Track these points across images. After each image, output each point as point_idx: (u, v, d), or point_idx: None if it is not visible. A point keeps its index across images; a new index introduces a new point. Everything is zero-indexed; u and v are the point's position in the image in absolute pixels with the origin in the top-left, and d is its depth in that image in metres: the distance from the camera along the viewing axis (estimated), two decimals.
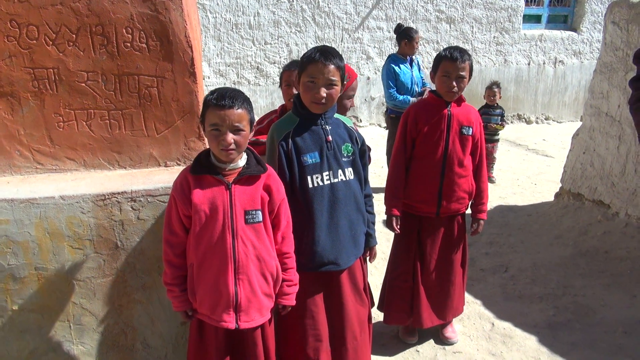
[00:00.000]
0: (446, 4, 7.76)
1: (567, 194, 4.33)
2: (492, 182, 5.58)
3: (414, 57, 4.83)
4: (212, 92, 1.60)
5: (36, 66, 1.96)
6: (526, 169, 6.20)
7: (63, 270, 1.90)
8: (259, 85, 7.16)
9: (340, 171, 1.88)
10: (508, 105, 8.68)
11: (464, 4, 7.87)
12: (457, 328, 2.73)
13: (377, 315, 2.68)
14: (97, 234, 1.90)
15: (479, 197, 2.44)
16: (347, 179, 1.90)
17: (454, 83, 2.22)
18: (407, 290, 2.49)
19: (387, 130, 5.05)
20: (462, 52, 2.22)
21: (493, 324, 2.80)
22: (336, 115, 1.95)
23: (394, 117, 4.65)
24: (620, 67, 3.69)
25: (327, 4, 7.15)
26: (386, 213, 2.41)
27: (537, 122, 9.00)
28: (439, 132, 2.29)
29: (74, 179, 2.03)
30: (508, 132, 8.17)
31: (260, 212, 1.63)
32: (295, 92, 2.04)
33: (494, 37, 8.23)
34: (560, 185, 4.47)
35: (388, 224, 2.41)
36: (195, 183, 1.61)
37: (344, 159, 1.90)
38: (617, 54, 3.72)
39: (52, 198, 1.84)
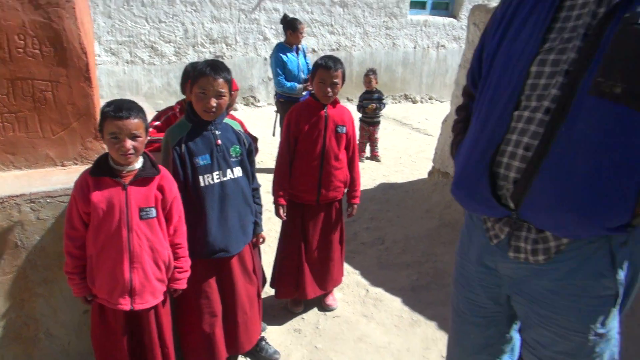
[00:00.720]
0: None
1: (437, 172, 4.96)
2: (378, 160, 6.15)
3: (300, 45, 5.23)
4: (109, 104, 1.80)
5: None
6: (408, 147, 6.86)
7: None
8: (154, 64, 7.06)
9: (229, 170, 2.16)
10: (396, 86, 9.38)
11: None
12: (337, 296, 3.17)
13: (270, 291, 3.03)
14: None
15: (352, 185, 2.86)
16: (236, 176, 2.19)
17: (329, 89, 2.57)
18: (293, 268, 2.86)
19: (277, 114, 5.43)
20: (336, 61, 2.57)
21: (367, 290, 3.29)
22: (226, 120, 2.22)
23: (282, 102, 5.14)
24: None
25: None
26: (274, 202, 2.74)
27: (422, 102, 9.82)
28: (318, 130, 2.64)
29: None
30: (396, 112, 8.87)
31: (154, 209, 1.88)
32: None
33: (384, 21, 8.78)
34: (432, 164, 5.10)
35: (276, 211, 2.75)
36: (94, 184, 1.82)
37: (232, 160, 2.18)
38: None
39: None
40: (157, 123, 2.82)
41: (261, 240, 2.45)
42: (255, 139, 2.65)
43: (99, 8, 6.50)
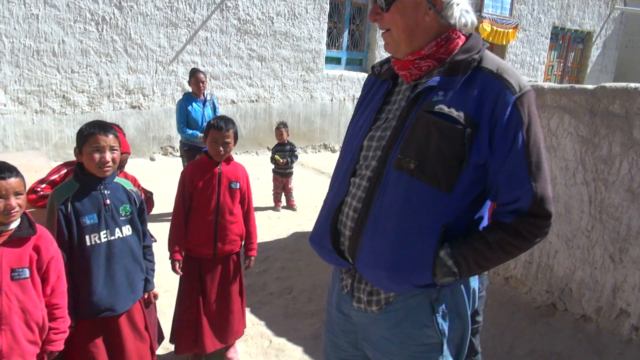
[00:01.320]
0: (257, 44, 8.46)
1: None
2: (294, 209, 6.31)
3: (208, 97, 5.47)
4: None
5: None
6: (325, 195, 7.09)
7: None
8: (66, 114, 6.92)
9: (117, 229, 2.20)
10: (315, 136, 9.73)
11: (274, 45, 8.66)
12: (240, 348, 3.19)
13: (171, 347, 3.01)
14: None
15: (248, 238, 2.97)
16: (124, 235, 2.23)
17: (221, 148, 2.71)
18: (192, 322, 2.88)
19: (182, 159, 5.67)
20: (227, 122, 2.73)
21: (271, 340, 3.34)
22: (116, 179, 2.27)
23: (187, 149, 5.34)
24: None
25: (140, 37, 7.26)
26: (170, 258, 2.78)
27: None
28: (212, 187, 2.75)
29: None
30: (315, 161, 9.18)
31: (27, 270, 1.87)
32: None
33: (301, 75, 9.18)
34: None
35: (172, 267, 2.79)
36: None
37: (121, 218, 2.22)
38: None
39: None
40: (54, 177, 2.80)
41: (153, 297, 2.47)
42: (150, 193, 2.72)
43: (5, 57, 6.33)
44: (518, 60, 13.08)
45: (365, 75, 10.04)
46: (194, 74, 5.39)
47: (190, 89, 5.55)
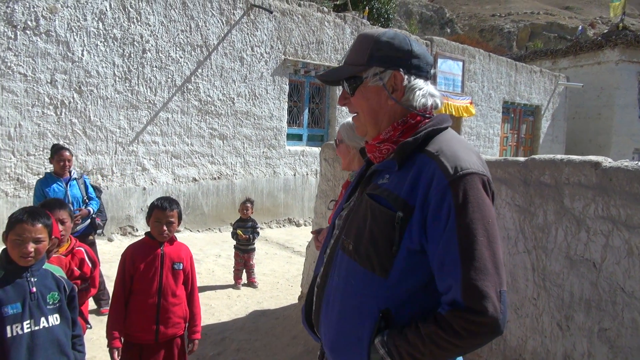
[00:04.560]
0: (218, 123, 8.64)
1: (305, 297, 5.08)
2: (255, 287, 6.17)
3: (75, 175, 4.89)
4: None
5: None
6: (287, 271, 6.98)
7: None
8: (19, 197, 6.76)
9: (42, 319, 2.09)
10: (279, 211, 9.74)
11: (235, 124, 8.87)
12: None
13: None
14: None
15: (192, 320, 2.86)
16: (51, 324, 2.12)
17: (165, 228, 2.68)
18: None
19: None
20: (171, 202, 2.72)
21: None
22: (46, 266, 2.20)
23: None
24: (332, 194, 4.70)
25: (99, 119, 7.33)
26: (107, 346, 2.64)
27: (305, 225, 10.21)
28: (154, 268, 2.69)
29: None
30: (279, 236, 9.12)
31: None
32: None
33: (263, 151, 9.34)
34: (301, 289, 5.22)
35: (110, 355, 2.64)
36: None
37: (49, 307, 2.12)
38: (328, 183, 4.75)
39: None
40: None
41: None
42: (87, 284, 2.64)
43: None
44: (474, 133, 13.71)
45: None
46: (57, 152, 4.71)
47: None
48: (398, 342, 1.23)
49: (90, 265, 2.89)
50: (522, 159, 3.12)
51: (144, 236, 2.81)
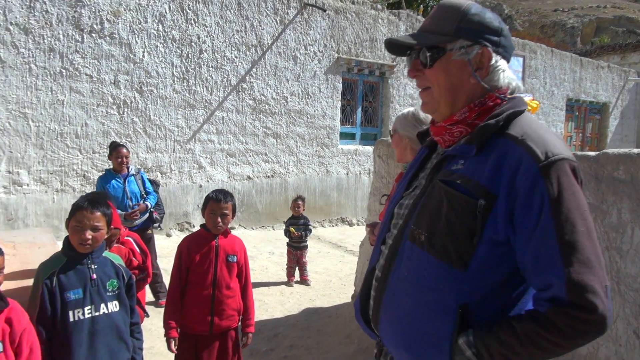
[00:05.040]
0: (272, 122, 8.72)
1: (359, 292, 5.00)
2: (307, 284, 6.15)
3: (133, 171, 5.05)
4: None
5: None
6: (340, 270, 6.93)
7: None
8: (85, 192, 7.08)
9: (102, 305, 2.14)
10: (332, 210, 9.70)
11: (288, 122, 8.92)
12: None
13: None
14: None
15: (246, 313, 2.86)
16: (110, 311, 2.16)
17: (219, 220, 2.69)
18: None
19: None
20: (226, 194, 2.73)
21: None
22: (105, 254, 2.25)
23: None
24: (385, 191, 4.60)
25: (159, 118, 7.58)
26: (165, 336, 2.68)
27: (358, 224, 10.12)
28: (209, 260, 2.70)
29: None
30: (332, 235, 9.08)
31: (0, 344, 1.82)
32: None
33: (316, 150, 9.34)
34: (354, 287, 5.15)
35: (167, 345, 2.68)
36: None
37: (108, 293, 2.17)
38: (382, 180, 4.65)
39: None
40: None
41: None
42: (144, 274, 2.68)
43: (31, 140, 6.64)
44: None
45: None
46: (115, 149, 4.93)
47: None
48: (489, 342, 1.12)
49: (140, 254, 2.95)
50: (592, 153, 2.90)
51: (199, 228, 2.84)
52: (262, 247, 7.51)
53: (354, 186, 9.98)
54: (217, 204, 2.69)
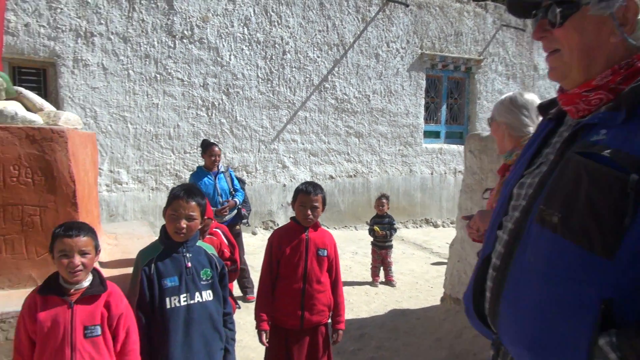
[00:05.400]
0: (354, 121, 8.64)
1: (449, 298, 4.76)
2: (393, 285, 5.98)
3: (222, 169, 5.17)
4: (59, 226, 1.90)
5: None
6: (426, 272, 6.68)
7: None
8: None
9: (197, 293, 2.15)
10: (416, 211, 9.43)
11: (371, 121, 8.79)
12: None
13: None
14: None
15: (336, 309, 2.77)
16: (204, 300, 2.17)
17: (309, 212, 2.63)
18: None
19: None
20: (316, 187, 2.66)
21: None
22: (199, 244, 2.26)
23: None
24: (478, 188, 4.33)
25: (244, 119, 7.77)
26: (256, 328, 2.66)
27: (443, 226, 9.76)
28: (299, 253, 2.65)
29: None
30: (416, 236, 8.82)
31: (99, 327, 1.88)
32: None
33: (399, 149, 9.13)
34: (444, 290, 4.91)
35: (259, 337, 2.66)
36: (42, 303, 1.85)
37: (202, 283, 2.18)
38: (474, 177, 4.39)
39: None
40: None
41: None
42: (235, 265, 2.68)
43: (129, 141, 7.07)
44: None
45: None
46: (209, 148, 5.05)
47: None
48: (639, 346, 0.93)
49: (228, 245, 2.96)
50: None
51: (289, 221, 2.80)
52: (345, 247, 7.44)
53: (438, 186, 9.64)
54: (307, 196, 2.63)
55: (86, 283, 1.91)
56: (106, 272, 2.64)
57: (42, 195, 2.30)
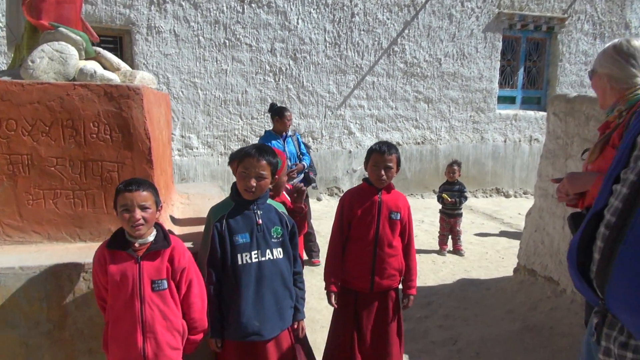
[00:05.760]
0: (424, 86, 8.32)
1: (523, 269, 4.54)
2: (461, 255, 5.80)
3: (290, 133, 5.15)
4: (122, 182, 1.94)
5: (12, 152, 2.27)
6: (497, 242, 6.42)
7: (16, 333, 2.11)
8: None
9: (268, 251, 2.14)
10: (486, 180, 9.05)
11: (441, 86, 8.43)
12: None
13: None
14: (49, 302, 2.13)
15: (408, 274, 2.68)
16: (275, 257, 2.15)
17: (383, 172, 2.53)
18: None
19: None
20: (390, 146, 2.55)
21: None
22: (269, 202, 2.24)
23: None
24: (561, 153, 4.03)
25: (311, 84, 7.69)
26: (325, 289, 2.64)
27: (515, 196, 9.33)
28: (371, 216, 2.57)
29: (36, 250, 2.29)
30: (486, 206, 8.49)
31: (165, 281, 1.92)
32: None
33: (470, 116, 8.73)
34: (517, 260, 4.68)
35: (327, 299, 2.64)
36: (111, 257, 1.91)
37: (273, 240, 2.16)
38: (558, 142, 4.08)
39: (12, 268, 2.09)
40: None
41: (301, 329, 2.33)
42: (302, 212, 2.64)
43: (200, 107, 7.22)
44: None
45: (544, 114, 9.14)
46: (281, 111, 5.03)
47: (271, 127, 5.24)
48: None
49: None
50: None
51: (361, 182, 2.72)
52: (412, 215, 7.28)
53: (512, 155, 9.16)
54: (381, 155, 2.52)
55: (150, 238, 1.95)
56: (178, 230, 2.71)
57: (119, 152, 2.36)
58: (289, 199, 2.93)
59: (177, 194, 3.55)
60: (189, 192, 3.68)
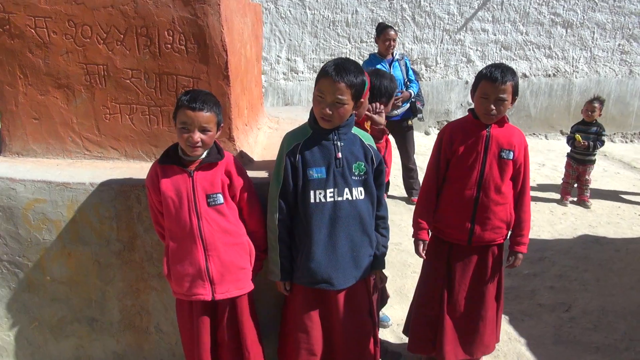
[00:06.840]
0: (564, 7, 7.11)
1: None
2: (586, 207, 5.05)
3: (397, 57, 4.61)
4: (186, 93, 1.75)
5: (89, 62, 2.15)
6: (633, 196, 5.49)
7: (88, 250, 2.08)
8: None
9: (346, 190, 1.82)
10: (628, 122, 7.82)
11: (586, 7, 7.15)
12: None
13: (404, 338, 2.58)
14: (119, 222, 2.05)
15: (518, 227, 2.21)
16: (354, 198, 1.83)
17: (492, 106, 2.02)
18: (432, 319, 2.35)
19: None
20: (505, 71, 2.01)
21: None
22: (354, 131, 1.89)
23: None
24: None
25: (429, 4, 6.91)
26: (413, 236, 2.29)
27: None
28: (475, 154, 2.11)
29: (112, 167, 2.21)
30: (623, 152, 7.33)
31: (220, 195, 1.79)
32: None
33: (619, 44, 7.39)
34: None
35: (415, 248, 2.30)
36: (163, 173, 1.79)
37: (353, 178, 1.83)
38: None
39: (82, 184, 2.02)
40: None
41: (379, 280, 2.03)
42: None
43: (307, 28, 6.86)
44: None
45: None
46: (384, 30, 4.51)
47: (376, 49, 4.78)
48: None
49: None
50: None
51: (467, 114, 2.24)
52: (531, 157, 6.45)
53: None
54: (492, 84, 2.01)
55: (203, 155, 1.80)
56: (259, 157, 2.49)
57: (195, 65, 2.13)
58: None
59: (267, 117, 3.33)
60: (280, 115, 3.45)
